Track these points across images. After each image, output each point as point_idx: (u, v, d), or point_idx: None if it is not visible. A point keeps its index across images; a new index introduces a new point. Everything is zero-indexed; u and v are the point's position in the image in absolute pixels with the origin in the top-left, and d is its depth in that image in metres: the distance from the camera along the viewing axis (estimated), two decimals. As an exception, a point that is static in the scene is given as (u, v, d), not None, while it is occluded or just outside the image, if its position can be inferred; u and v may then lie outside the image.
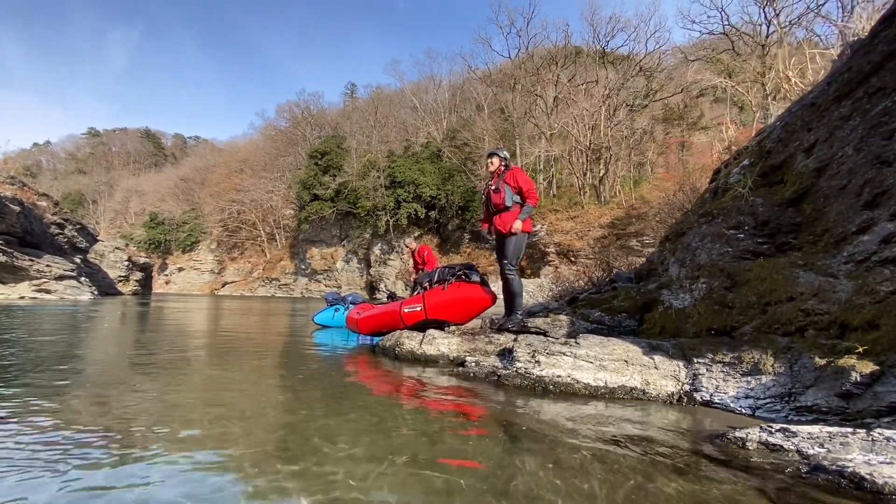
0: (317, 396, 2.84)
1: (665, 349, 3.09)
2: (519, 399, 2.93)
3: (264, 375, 3.53)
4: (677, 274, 3.62)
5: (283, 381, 3.35)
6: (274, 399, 2.75)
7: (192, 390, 2.93)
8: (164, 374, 3.43)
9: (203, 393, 2.87)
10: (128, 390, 2.85)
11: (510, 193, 4.51)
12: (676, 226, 4.27)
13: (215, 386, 3.10)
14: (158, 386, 2.99)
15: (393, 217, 37.14)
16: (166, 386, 3.00)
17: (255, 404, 2.59)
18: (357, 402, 2.69)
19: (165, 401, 2.61)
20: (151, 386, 2.99)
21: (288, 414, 2.43)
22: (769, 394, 2.47)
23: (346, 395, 2.87)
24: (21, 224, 18.81)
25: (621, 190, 29.54)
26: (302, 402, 2.69)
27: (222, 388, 3.04)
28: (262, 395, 2.86)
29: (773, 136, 3.46)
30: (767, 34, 28.12)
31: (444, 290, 4.94)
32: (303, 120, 53.25)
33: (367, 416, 2.40)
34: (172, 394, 2.79)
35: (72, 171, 77.72)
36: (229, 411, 2.42)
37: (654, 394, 2.92)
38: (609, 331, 3.95)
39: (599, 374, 3.08)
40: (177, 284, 54.90)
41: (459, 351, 4.24)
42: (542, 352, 3.33)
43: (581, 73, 35.44)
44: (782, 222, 3.00)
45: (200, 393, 2.86)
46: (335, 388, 3.09)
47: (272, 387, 3.11)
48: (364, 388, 3.21)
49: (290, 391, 2.99)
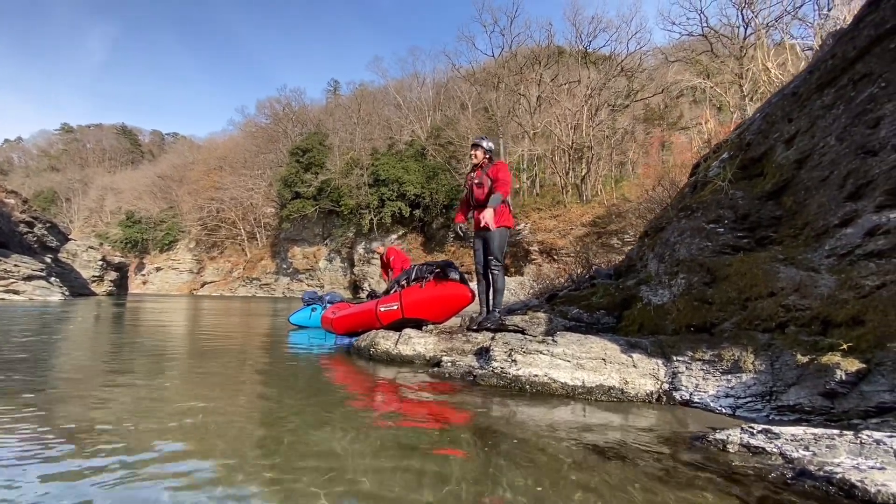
0: (284, 405, 2.66)
1: (644, 347, 2.99)
2: (495, 400, 2.79)
3: (228, 383, 3.33)
4: (656, 270, 3.53)
5: (245, 387, 3.15)
6: (234, 410, 2.55)
7: (146, 401, 2.71)
8: (124, 378, 3.20)
9: (158, 404, 2.65)
10: (82, 402, 2.62)
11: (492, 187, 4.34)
12: (656, 221, 4.18)
13: (175, 396, 2.88)
14: (114, 396, 2.77)
15: (377, 216, 36.78)
16: (115, 397, 2.78)
17: (216, 416, 2.39)
18: (325, 410, 2.51)
19: (120, 409, 2.40)
20: (109, 395, 2.76)
21: (252, 424, 2.25)
22: (750, 392, 2.37)
23: (316, 401, 2.69)
24: (-15, 222, 18.02)
25: (603, 189, 29.79)
26: (266, 412, 2.50)
27: (184, 397, 2.83)
28: (221, 406, 2.66)
29: (752, 128, 3.39)
30: (745, 36, 28.66)
31: (422, 287, 4.78)
32: (284, 116, 52.38)
33: (337, 429, 2.23)
34: (123, 402, 2.57)
35: (44, 168, 75.21)
36: (189, 426, 2.22)
37: (632, 393, 2.81)
38: (587, 328, 3.85)
39: (577, 373, 2.96)
40: (154, 285, 53.52)
41: (436, 351, 4.09)
42: (518, 350, 3.20)
43: (564, 72, 35.64)
44: (762, 216, 2.92)
45: (153, 403, 2.65)
46: (303, 396, 2.90)
47: (233, 395, 2.91)
48: (334, 393, 3.03)
49: (253, 399, 2.79)
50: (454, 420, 2.40)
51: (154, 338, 6.06)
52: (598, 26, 35.27)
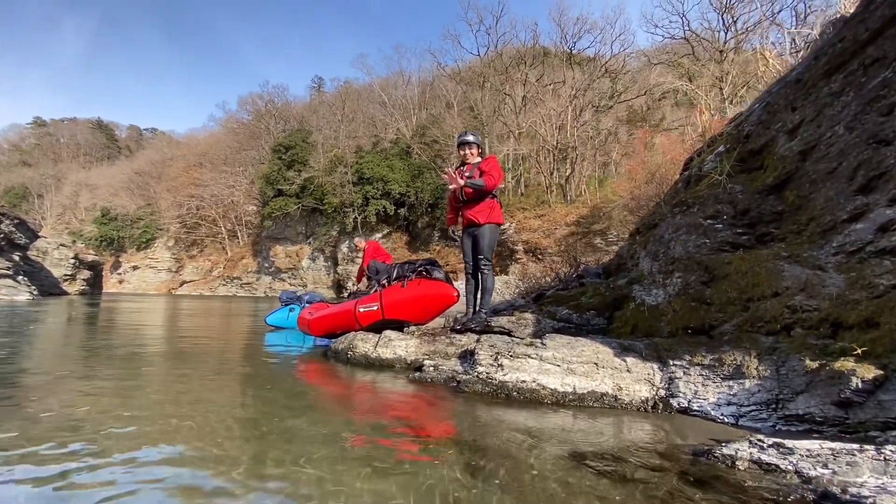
0: (248, 416, 2.39)
1: (638, 350, 2.81)
2: (479, 408, 2.58)
3: (194, 388, 3.04)
4: (649, 268, 3.36)
5: (210, 394, 2.87)
6: (198, 419, 2.28)
7: (106, 410, 2.42)
8: (72, 384, 2.89)
9: (114, 416, 2.36)
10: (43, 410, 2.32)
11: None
12: (647, 217, 4.02)
13: (136, 404, 2.59)
14: (62, 398, 2.47)
15: (361, 214, 36.30)
16: (66, 406, 2.48)
17: (173, 429, 2.12)
18: (293, 421, 2.26)
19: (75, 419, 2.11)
20: (61, 399, 2.46)
21: (207, 441, 1.98)
22: (754, 400, 2.20)
23: (286, 412, 2.43)
24: (-54, 218, 17.13)
25: (587, 189, 29.95)
26: (229, 428, 2.23)
27: (144, 406, 2.54)
28: (185, 414, 2.38)
29: (752, 118, 3.24)
30: (725, 40, 29.16)
31: (404, 287, 4.50)
32: (266, 113, 51.37)
33: (304, 444, 1.98)
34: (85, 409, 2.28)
35: (15, 163, 72.48)
36: (151, 437, 1.95)
37: (626, 400, 2.63)
38: (577, 330, 3.67)
39: (567, 378, 2.76)
40: (131, 284, 51.98)
41: (418, 354, 3.85)
42: (505, 354, 3.01)
43: (549, 73, 35.71)
44: (763, 211, 2.77)
45: (109, 413, 2.36)
46: (272, 404, 2.64)
47: (193, 405, 2.63)
48: (307, 400, 2.77)
49: (215, 411, 2.52)
50: (434, 433, 2.18)
51: (131, 340, 5.69)
52: (582, 27, 35.38)
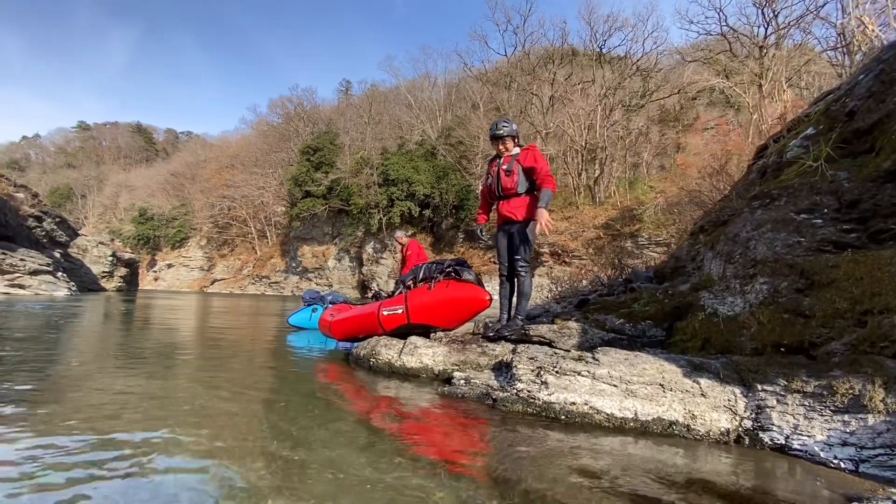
0: (260, 432, 2.07)
1: (713, 370, 2.35)
2: (521, 434, 2.19)
3: (200, 395, 2.75)
4: (720, 272, 2.89)
5: (222, 404, 2.57)
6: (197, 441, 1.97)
7: (108, 419, 2.14)
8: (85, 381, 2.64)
9: (118, 426, 2.08)
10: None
11: (523, 176, 3.73)
12: (714, 213, 3.51)
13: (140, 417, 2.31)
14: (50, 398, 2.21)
15: (386, 215, 36.30)
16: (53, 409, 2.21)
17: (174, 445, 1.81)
18: (310, 453, 1.92)
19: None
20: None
21: (218, 460, 1.66)
22: (881, 442, 1.73)
23: (297, 429, 2.09)
24: (-8, 216, 17.83)
25: (616, 191, 29.03)
26: (240, 440, 1.91)
27: (147, 419, 2.25)
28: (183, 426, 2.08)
29: (857, 91, 2.72)
30: (766, 35, 27.78)
31: (431, 289, 4.12)
32: (295, 115, 52.23)
33: (320, 465, 1.63)
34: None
35: (61, 164, 76.26)
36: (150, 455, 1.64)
37: (701, 431, 2.19)
38: (630, 342, 3.23)
39: (627, 401, 2.36)
40: (166, 281, 53.69)
41: (446, 363, 3.51)
42: (549, 369, 2.62)
43: (577, 72, 34.85)
44: (879, 203, 2.26)
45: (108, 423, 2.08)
46: (284, 418, 2.31)
47: (202, 417, 2.33)
48: (321, 417, 2.43)
49: (230, 423, 2.21)
50: (468, 464, 1.80)
51: (155, 339, 5.54)
52: (613, 25, 34.43)
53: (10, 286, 17.96)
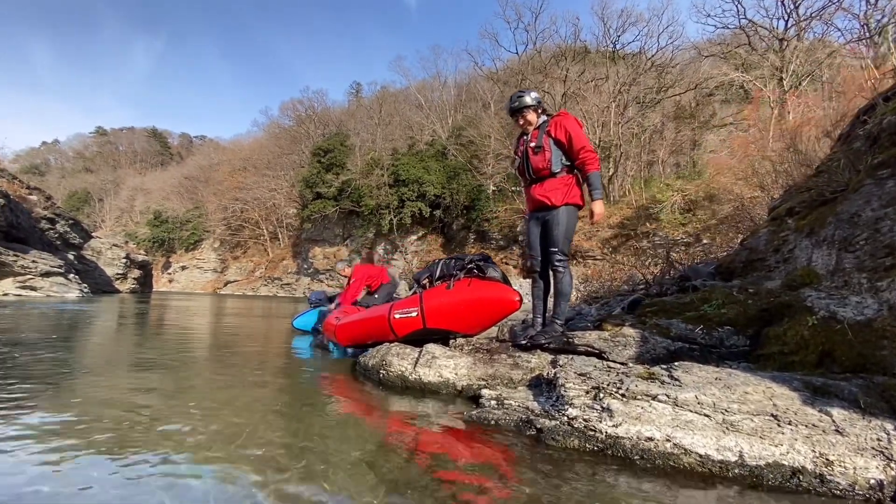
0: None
1: (847, 395, 1.86)
2: (579, 484, 1.65)
3: (191, 407, 2.52)
4: (830, 263, 2.41)
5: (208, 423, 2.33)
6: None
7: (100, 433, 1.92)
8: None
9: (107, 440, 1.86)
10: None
11: (557, 153, 3.09)
12: (804, 191, 2.99)
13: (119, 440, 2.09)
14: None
15: (397, 216, 36.19)
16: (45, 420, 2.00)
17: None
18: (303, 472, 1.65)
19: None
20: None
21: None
22: None
23: (285, 461, 1.84)
24: (6, 217, 18.05)
25: (631, 189, 28.47)
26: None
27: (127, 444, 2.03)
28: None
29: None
30: (786, 28, 27.02)
31: (450, 288, 3.56)
32: (307, 118, 52.53)
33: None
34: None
35: (79, 169, 77.97)
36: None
37: (842, 483, 1.65)
38: (703, 353, 2.68)
39: (726, 438, 1.81)
40: (180, 283, 54.42)
41: (471, 378, 2.94)
42: (612, 391, 2.05)
43: (590, 69, 34.34)
44: None
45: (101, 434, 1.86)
46: (270, 445, 2.06)
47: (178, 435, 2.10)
48: (320, 444, 2.03)
49: (211, 447, 1.97)
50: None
51: (155, 344, 5.37)
52: (627, 20, 33.89)
53: (22, 288, 18.13)
